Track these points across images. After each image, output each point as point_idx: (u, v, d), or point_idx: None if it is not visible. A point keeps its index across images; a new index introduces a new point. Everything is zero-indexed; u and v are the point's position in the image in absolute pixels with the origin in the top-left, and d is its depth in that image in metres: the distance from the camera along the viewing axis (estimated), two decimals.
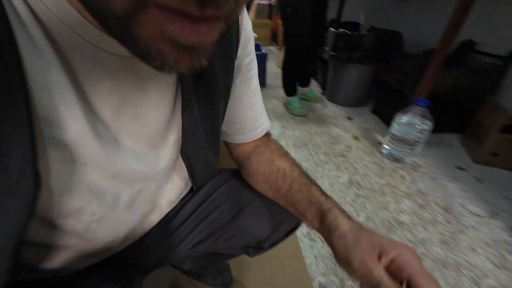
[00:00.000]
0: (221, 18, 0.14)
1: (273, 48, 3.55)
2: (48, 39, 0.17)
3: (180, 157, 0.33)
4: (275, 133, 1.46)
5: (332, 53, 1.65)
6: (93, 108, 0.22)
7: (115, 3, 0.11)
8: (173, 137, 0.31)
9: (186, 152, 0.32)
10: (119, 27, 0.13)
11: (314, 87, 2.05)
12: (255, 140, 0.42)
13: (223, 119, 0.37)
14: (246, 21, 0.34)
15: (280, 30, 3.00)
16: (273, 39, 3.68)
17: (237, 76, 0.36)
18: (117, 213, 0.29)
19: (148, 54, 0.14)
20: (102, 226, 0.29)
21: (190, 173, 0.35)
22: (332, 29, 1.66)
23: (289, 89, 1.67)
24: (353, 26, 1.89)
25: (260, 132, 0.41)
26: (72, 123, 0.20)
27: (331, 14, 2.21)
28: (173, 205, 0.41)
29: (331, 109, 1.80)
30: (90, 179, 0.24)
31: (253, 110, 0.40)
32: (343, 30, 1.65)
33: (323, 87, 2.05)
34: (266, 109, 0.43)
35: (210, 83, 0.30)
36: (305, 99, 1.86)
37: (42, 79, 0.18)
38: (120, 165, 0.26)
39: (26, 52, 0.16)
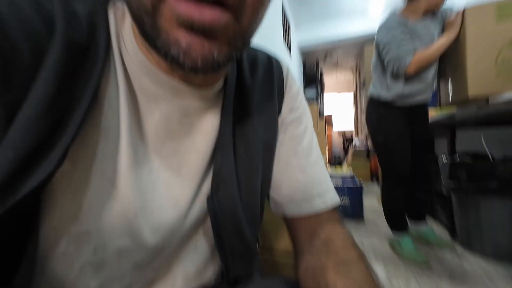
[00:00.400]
0: (226, 9, 0.17)
1: (373, 186, 3.34)
2: (124, 72, 0.23)
3: (208, 218, 0.28)
4: None
5: (453, 186, 1.30)
6: (143, 132, 0.25)
7: (144, 1, 0.17)
8: (207, 187, 0.28)
9: (214, 201, 0.27)
10: (150, 23, 0.17)
11: (438, 230, 1.53)
12: (313, 219, 0.33)
13: (266, 182, 0.33)
14: (292, 81, 0.37)
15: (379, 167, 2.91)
16: (373, 177, 3.57)
17: (281, 132, 0.34)
18: (122, 268, 0.24)
19: (167, 44, 0.18)
20: (99, 276, 0.23)
21: (216, 232, 0.28)
22: (445, 156, 1.41)
23: (395, 221, 1.29)
24: (471, 155, 1.54)
25: (319, 204, 0.32)
26: (123, 135, 0.23)
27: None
28: (189, 285, 0.30)
29: (475, 263, 1.18)
30: (119, 207, 0.23)
31: (306, 173, 0.33)
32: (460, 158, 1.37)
33: (451, 230, 1.48)
34: (362, 245, 0.34)
35: (249, 134, 0.30)
36: (423, 240, 1.36)
37: (114, 98, 0.22)
38: (149, 194, 0.24)
39: (109, 76, 0.22)
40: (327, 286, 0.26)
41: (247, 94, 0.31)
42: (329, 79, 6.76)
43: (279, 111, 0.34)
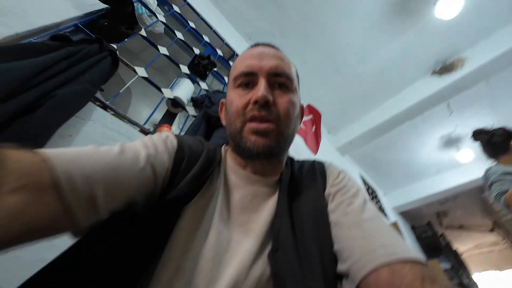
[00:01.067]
0: (272, 122, 0.39)
1: None
2: (223, 169, 0.46)
3: (270, 279, 0.32)
4: None
5: None
6: (229, 206, 0.39)
7: (236, 123, 0.40)
8: (268, 248, 0.34)
9: (274, 257, 0.33)
10: (239, 135, 0.40)
11: None
12: (383, 274, 0.28)
13: (326, 251, 0.35)
14: (332, 167, 0.48)
15: None
16: None
17: (330, 202, 0.40)
18: None
19: (245, 144, 0.38)
20: None
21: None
22: None
23: None
24: None
25: (383, 255, 0.29)
26: (218, 205, 0.38)
27: None
28: None
29: None
30: (209, 249, 0.33)
31: (362, 228, 0.34)
32: None
33: None
34: None
35: (299, 206, 0.40)
36: None
37: (217, 184, 0.40)
38: (225, 247, 0.34)
39: (221, 162, 0.47)
40: None
41: (296, 181, 0.44)
42: (463, 246, 5.08)
43: (324, 188, 0.43)
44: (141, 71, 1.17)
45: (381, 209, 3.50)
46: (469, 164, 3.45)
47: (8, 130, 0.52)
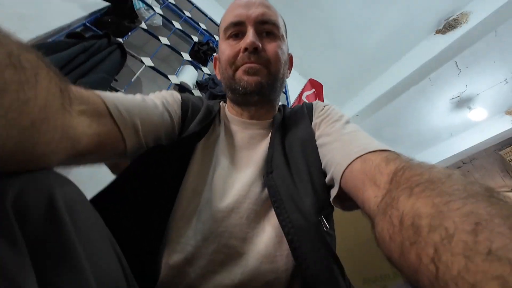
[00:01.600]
0: (261, 64, 0.44)
1: None
2: (223, 119, 0.50)
3: (269, 201, 0.37)
4: None
5: None
6: (232, 145, 0.46)
7: (228, 71, 0.46)
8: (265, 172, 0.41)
9: (269, 178, 0.38)
10: (232, 78, 0.46)
11: None
12: (363, 167, 0.31)
13: (314, 168, 0.41)
14: (319, 104, 0.54)
15: None
16: None
17: (318, 129, 0.47)
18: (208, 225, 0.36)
19: (239, 84, 0.44)
20: (198, 230, 0.36)
21: (274, 205, 0.35)
22: None
23: None
24: None
25: (360, 151, 0.33)
26: (222, 144, 0.46)
27: None
28: (261, 262, 0.34)
29: None
30: (219, 173, 0.41)
31: (342, 140, 0.39)
32: None
33: None
34: None
35: (290, 136, 0.47)
36: None
37: (219, 128, 0.48)
38: (231, 172, 0.42)
39: (217, 115, 0.55)
40: (403, 214, 0.20)
41: (287, 121, 0.50)
42: None
43: (311, 120, 0.50)
44: (148, 61, 1.27)
45: None
46: (483, 122, 3.36)
47: None
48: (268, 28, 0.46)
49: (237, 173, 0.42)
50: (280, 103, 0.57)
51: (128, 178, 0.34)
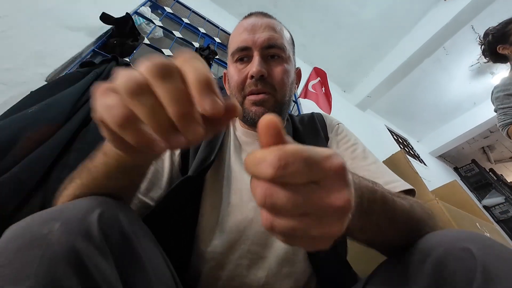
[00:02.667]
0: (268, 93, 0.46)
1: None
2: (232, 132, 0.56)
3: None
4: None
5: None
6: (241, 159, 0.49)
7: (238, 98, 0.48)
8: None
9: None
10: (242, 110, 0.48)
11: None
12: None
13: None
14: (330, 117, 0.57)
15: None
16: None
17: (337, 148, 0.50)
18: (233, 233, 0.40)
19: (248, 115, 0.47)
20: (222, 238, 0.41)
21: None
22: None
23: None
24: None
25: (384, 183, 0.38)
26: (232, 160, 0.49)
27: None
28: (281, 266, 0.38)
29: None
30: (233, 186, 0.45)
31: (369, 170, 0.43)
32: None
33: None
34: None
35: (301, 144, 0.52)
36: None
37: (229, 144, 0.51)
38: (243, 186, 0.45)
39: (226, 131, 0.59)
40: None
41: (299, 132, 0.53)
42: None
43: (326, 134, 0.52)
44: None
45: (415, 156, 3.40)
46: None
47: (77, 139, 0.71)
48: (274, 52, 0.47)
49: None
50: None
51: (163, 205, 0.40)
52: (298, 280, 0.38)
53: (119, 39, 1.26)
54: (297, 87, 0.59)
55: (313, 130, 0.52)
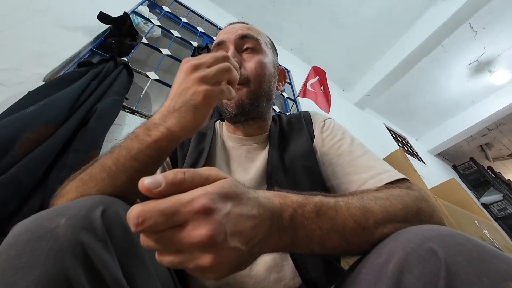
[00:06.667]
0: (240, 83, 0.46)
1: None
2: (219, 138, 0.55)
3: None
4: None
5: None
6: (229, 163, 0.49)
7: (226, 109, 0.49)
8: (264, 187, 0.43)
9: (272, 179, 0.42)
10: (219, 104, 0.50)
11: None
12: None
13: (315, 175, 0.45)
14: (318, 115, 0.56)
15: None
16: None
17: (321, 146, 0.49)
18: None
19: (225, 107, 0.48)
20: None
21: None
22: None
23: None
24: None
25: (372, 184, 0.37)
26: (221, 164, 0.49)
27: None
28: (269, 272, 0.38)
29: None
30: None
31: (353, 166, 0.42)
32: None
33: None
34: None
35: (288, 148, 0.50)
36: None
37: (217, 149, 0.52)
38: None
39: (213, 137, 0.57)
40: None
41: (285, 132, 0.52)
42: None
43: (312, 133, 0.51)
44: (153, 75, 1.33)
45: (414, 154, 3.41)
46: (508, 85, 3.13)
47: (75, 140, 0.71)
48: (248, 42, 0.49)
49: None
50: (278, 110, 0.59)
51: None
52: (287, 286, 0.37)
53: (117, 39, 1.26)
54: (283, 85, 0.59)
55: (299, 129, 0.52)
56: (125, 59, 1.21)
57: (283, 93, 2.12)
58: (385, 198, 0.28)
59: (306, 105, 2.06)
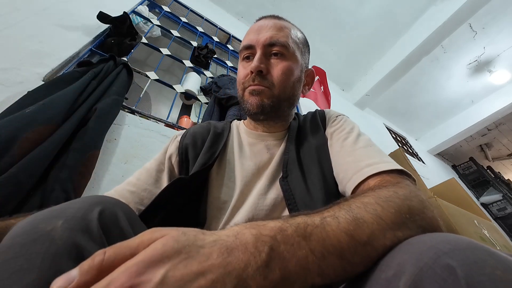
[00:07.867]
0: (265, 86, 0.47)
1: None
2: (237, 135, 0.55)
3: (283, 202, 0.42)
4: None
5: None
6: (245, 157, 0.50)
7: (239, 91, 0.51)
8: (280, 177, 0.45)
9: (285, 182, 0.43)
10: (242, 102, 0.51)
11: None
12: (367, 187, 0.36)
13: (327, 173, 0.45)
14: (331, 112, 0.56)
15: None
16: None
17: (329, 139, 0.50)
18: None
19: (246, 104, 0.49)
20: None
21: (289, 207, 0.40)
22: None
23: None
24: None
25: (368, 171, 0.37)
26: (236, 160, 0.50)
27: None
28: None
29: None
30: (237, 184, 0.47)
31: (353, 155, 0.42)
32: None
33: None
34: None
35: (304, 144, 0.50)
36: None
37: (233, 146, 0.52)
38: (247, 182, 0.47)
39: (228, 136, 0.57)
40: None
41: (301, 129, 0.54)
42: None
43: (325, 128, 0.53)
44: (152, 75, 1.33)
45: (413, 154, 3.41)
46: (507, 85, 3.14)
47: (75, 139, 0.71)
48: (276, 49, 0.48)
49: (254, 178, 0.47)
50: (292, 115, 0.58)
51: (157, 203, 0.41)
52: None
53: (117, 38, 1.25)
54: (309, 88, 0.58)
55: (315, 126, 0.53)
56: (125, 58, 1.21)
57: None
58: (374, 203, 0.26)
59: (306, 105, 2.06)
